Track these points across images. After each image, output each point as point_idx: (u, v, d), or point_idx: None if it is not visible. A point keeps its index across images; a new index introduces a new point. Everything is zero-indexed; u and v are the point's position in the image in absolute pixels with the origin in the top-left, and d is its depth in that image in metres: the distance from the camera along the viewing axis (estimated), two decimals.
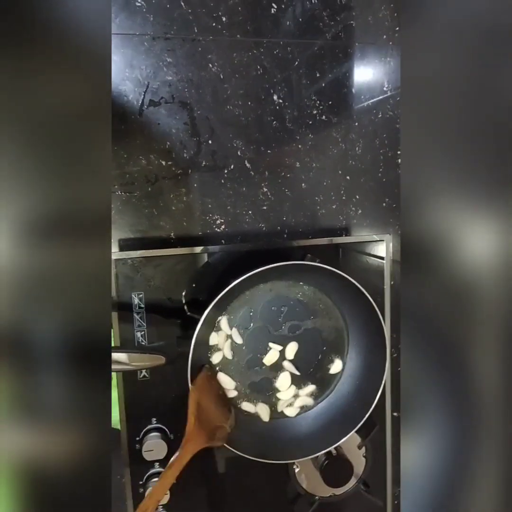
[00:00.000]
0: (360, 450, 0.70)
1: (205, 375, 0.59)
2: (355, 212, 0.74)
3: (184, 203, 0.67)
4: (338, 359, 0.67)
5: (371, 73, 0.72)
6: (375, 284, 0.70)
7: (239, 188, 0.69)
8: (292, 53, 0.68)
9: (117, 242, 0.66)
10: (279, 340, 0.64)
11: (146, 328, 0.62)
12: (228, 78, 0.66)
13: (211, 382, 0.61)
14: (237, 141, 0.68)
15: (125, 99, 0.64)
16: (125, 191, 0.65)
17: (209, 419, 0.57)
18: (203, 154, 0.67)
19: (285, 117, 0.69)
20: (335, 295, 0.65)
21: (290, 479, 0.69)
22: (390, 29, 0.71)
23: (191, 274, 0.63)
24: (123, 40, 0.63)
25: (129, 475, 0.63)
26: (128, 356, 0.51)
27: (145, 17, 0.63)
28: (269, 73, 0.68)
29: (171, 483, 0.52)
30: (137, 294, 0.61)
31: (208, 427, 0.56)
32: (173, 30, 0.64)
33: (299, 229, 0.72)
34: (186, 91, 0.65)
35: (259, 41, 0.67)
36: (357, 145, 0.72)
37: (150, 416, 0.63)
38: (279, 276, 0.63)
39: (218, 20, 0.65)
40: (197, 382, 0.57)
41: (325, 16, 0.68)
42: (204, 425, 0.55)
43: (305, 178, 0.71)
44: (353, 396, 0.64)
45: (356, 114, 0.72)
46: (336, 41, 0.69)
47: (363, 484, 0.70)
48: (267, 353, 0.64)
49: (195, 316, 0.58)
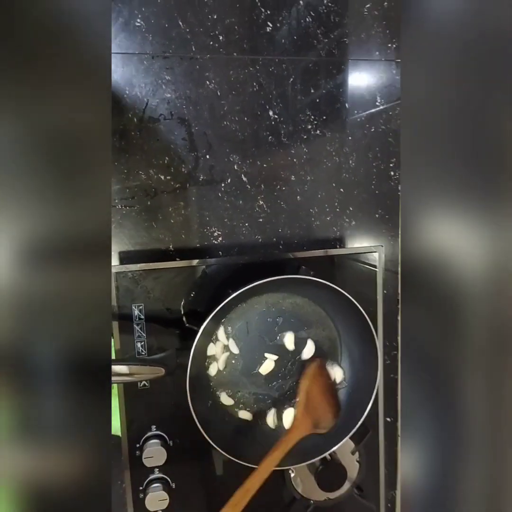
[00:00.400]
0: (354, 455, 0.72)
1: (317, 365, 0.63)
2: (349, 224, 0.76)
3: (183, 216, 0.69)
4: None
5: (364, 88, 0.74)
6: (368, 293, 0.72)
7: (236, 201, 0.71)
8: (287, 69, 0.70)
9: (117, 254, 0.68)
10: (274, 350, 0.66)
11: (146, 338, 0.64)
12: (225, 94, 0.68)
13: (321, 371, 0.64)
14: (234, 156, 0.70)
15: (125, 116, 0.65)
16: (125, 205, 0.67)
17: (316, 407, 0.61)
18: (201, 168, 0.69)
19: (281, 132, 0.71)
20: (328, 306, 0.67)
21: (286, 484, 0.71)
22: (383, 45, 0.73)
23: (189, 285, 0.65)
24: (123, 59, 0.64)
25: (130, 481, 0.65)
26: (129, 368, 0.53)
27: (144, 36, 0.65)
28: (265, 90, 0.70)
29: (276, 463, 0.56)
30: (137, 305, 0.63)
31: (314, 415, 0.60)
32: (171, 49, 0.66)
33: (295, 241, 0.74)
34: (184, 107, 0.67)
35: (255, 58, 0.69)
36: (351, 158, 0.74)
37: (150, 423, 0.65)
38: (274, 289, 0.65)
39: (215, 38, 0.67)
40: (308, 371, 0.61)
41: (319, 33, 0.70)
42: (311, 412, 0.60)
43: (300, 191, 0.73)
44: (346, 403, 0.66)
45: (350, 128, 0.74)
46: (330, 58, 0.71)
47: (356, 488, 0.72)
48: (263, 363, 0.66)
49: (193, 327, 0.60)
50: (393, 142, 0.75)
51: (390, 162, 0.76)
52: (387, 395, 0.79)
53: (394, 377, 0.82)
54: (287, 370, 0.67)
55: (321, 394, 0.63)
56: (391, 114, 0.75)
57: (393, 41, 0.73)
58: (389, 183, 0.76)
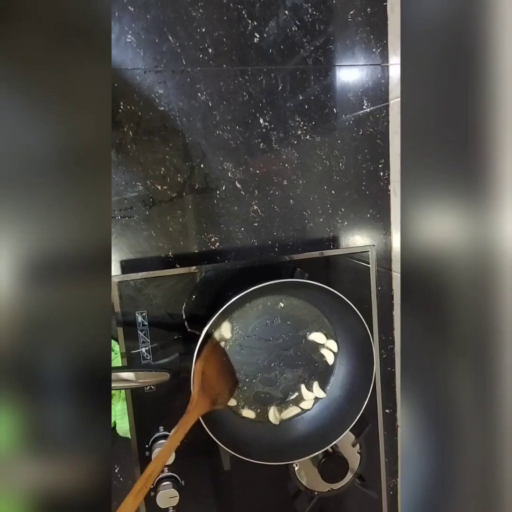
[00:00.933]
0: (355, 447, 0.75)
1: (210, 345, 0.64)
2: (342, 224, 0.78)
3: (180, 224, 0.72)
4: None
5: (351, 93, 0.76)
6: (363, 291, 0.75)
7: (231, 207, 0.73)
8: (275, 78, 0.72)
9: (119, 263, 0.70)
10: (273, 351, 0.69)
11: (150, 344, 0.66)
12: (217, 105, 0.71)
13: (215, 351, 0.65)
14: (227, 164, 0.72)
15: (120, 130, 0.68)
16: (124, 216, 0.70)
17: (212, 386, 0.62)
18: (196, 177, 0.71)
19: (272, 139, 0.73)
20: (323, 306, 0.69)
21: (290, 477, 0.74)
22: (368, 50, 0.76)
23: (189, 291, 0.68)
24: (116, 74, 0.67)
25: None
26: (135, 374, 0.56)
27: (136, 52, 0.67)
28: (255, 99, 0.72)
29: (177, 446, 0.58)
30: (141, 312, 0.66)
31: (211, 393, 0.62)
32: (162, 63, 0.68)
33: (289, 243, 0.76)
34: (177, 119, 0.69)
35: (244, 69, 0.71)
36: (341, 161, 0.77)
37: (158, 424, 0.68)
38: (271, 292, 0.68)
39: (204, 51, 0.69)
40: (203, 353, 0.62)
41: (305, 42, 0.73)
42: (207, 391, 0.61)
43: (292, 195, 0.75)
44: (345, 399, 0.69)
45: (339, 132, 0.76)
46: (317, 65, 0.74)
47: (358, 478, 0.75)
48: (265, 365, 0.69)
49: (195, 332, 0.63)
50: (381, 144, 0.78)
51: (379, 163, 0.78)
52: (385, 388, 0.82)
53: (391, 370, 0.84)
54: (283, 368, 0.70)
55: (217, 373, 0.64)
56: (378, 116, 0.77)
57: (377, 46, 0.75)
58: (379, 183, 0.79)
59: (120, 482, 0.73)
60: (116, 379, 0.55)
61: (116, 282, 0.64)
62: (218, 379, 0.64)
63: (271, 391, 0.70)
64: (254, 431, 0.68)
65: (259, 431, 0.68)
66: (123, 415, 0.68)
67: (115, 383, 0.55)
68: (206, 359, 0.62)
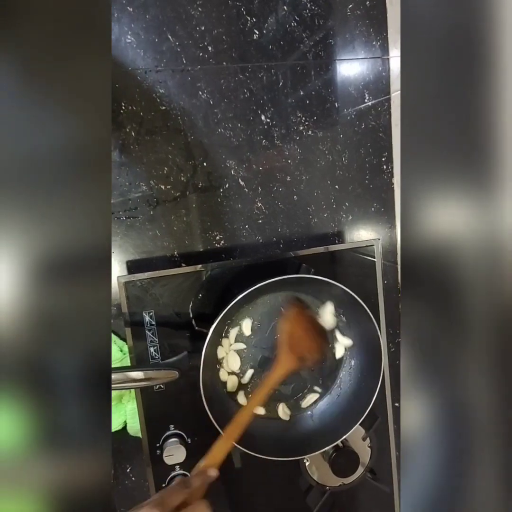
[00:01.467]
0: (365, 441, 0.75)
1: (297, 309, 0.67)
2: (346, 219, 0.78)
3: (185, 223, 0.72)
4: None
5: (352, 86, 0.76)
6: (369, 285, 0.74)
7: (235, 205, 0.73)
8: (275, 74, 0.72)
9: (125, 264, 0.71)
10: None
11: (158, 343, 0.66)
12: (218, 103, 0.71)
13: (302, 312, 0.67)
14: (230, 161, 0.72)
15: (123, 130, 0.68)
16: (129, 216, 0.70)
17: (300, 345, 0.65)
18: (199, 176, 0.72)
19: (274, 135, 0.73)
20: (330, 301, 0.69)
21: (301, 472, 0.74)
22: (368, 43, 0.75)
23: (196, 289, 0.68)
24: (117, 75, 0.67)
25: (153, 479, 0.68)
26: (144, 373, 0.56)
27: (136, 52, 0.67)
28: (256, 96, 0.72)
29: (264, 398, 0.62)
30: (148, 312, 0.66)
31: (298, 352, 0.64)
32: (163, 63, 0.68)
33: (294, 239, 0.76)
34: (179, 118, 0.70)
35: (244, 66, 0.71)
36: (343, 156, 0.77)
37: (168, 423, 0.68)
38: (277, 288, 0.68)
39: (204, 50, 0.69)
40: (289, 315, 0.66)
41: (305, 37, 0.73)
42: (294, 350, 0.64)
43: (296, 191, 0.75)
44: (354, 393, 0.69)
45: (341, 126, 0.76)
46: (317, 60, 0.74)
47: (370, 472, 0.75)
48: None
49: (203, 330, 0.63)
50: (383, 137, 0.78)
51: (382, 157, 0.78)
52: (394, 381, 0.82)
53: (400, 363, 0.84)
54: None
55: (304, 333, 0.66)
56: (380, 109, 0.77)
57: (377, 39, 0.75)
58: (383, 176, 0.79)
59: (132, 482, 0.73)
60: (125, 378, 0.55)
61: (123, 283, 0.64)
62: (305, 339, 0.66)
63: (280, 388, 0.70)
64: (264, 428, 0.68)
65: (270, 427, 0.68)
66: (133, 415, 0.68)
67: (125, 383, 0.56)
68: (293, 320, 0.66)
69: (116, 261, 0.70)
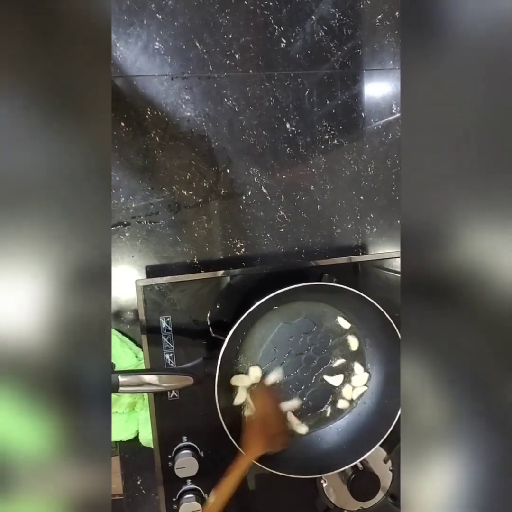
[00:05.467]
0: (386, 464, 0.71)
1: (262, 386, 0.64)
2: (371, 230, 0.76)
3: (206, 230, 0.71)
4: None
5: (379, 97, 0.75)
6: (393, 299, 0.72)
7: (257, 212, 0.72)
8: (302, 83, 0.72)
9: (144, 268, 0.70)
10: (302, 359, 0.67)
11: (174, 350, 0.65)
12: (243, 110, 0.70)
13: (269, 393, 0.65)
14: (253, 169, 0.71)
15: (147, 136, 0.68)
16: (150, 221, 0.69)
17: (269, 425, 0.61)
18: (222, 182, 0.71)
19: (298, 144, 0.73)
20: (353, 312, 0.67)
21: (318, 494, 0.70)
22: (396, 54, 0.74)
23: (214, 296, 0.67)
24: (144, 81, 0.67)
25: (163, 492, 0.65)
26: (158, 377, 0.54)
27: (163, 58, 0.68)
28: (281, 103, 0.71)
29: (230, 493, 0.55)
30: (165, 318, 0.65)
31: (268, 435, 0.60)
32: (189, 70, 0.68)
33: (316, 249, 0.75)
34: (203, 125, 0.69)
35: (270, 74, 0.71)
36: (369, 166, 0.75)
37: (181, 434, 0.66)
38: (297, 298, 0.66)
39: (231, 57, 0.69)
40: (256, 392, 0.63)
41: (332, 46, 0.72)
42: (264, 432, 0.60)
43: (320, 200, 0.74)
44: (375, 410, 0.66)
45: (367, 136, 0.75)
46: (344, 69, 0.73)
47: (391, 497, 0.71)
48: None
49: (219, 337, 0.61)
50: None
51: None
52: None
53: None
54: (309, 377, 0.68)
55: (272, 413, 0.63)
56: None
57: None
58: None
59: (142, 494, 0.71)
60: (139, 382, 0.54)
61: (141, 287, 0.64)
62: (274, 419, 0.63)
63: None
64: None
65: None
66: (146, 423, 0.66)
67: (138, 386, 0.54)
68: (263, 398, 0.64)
69: (136, 266, 0.69)
